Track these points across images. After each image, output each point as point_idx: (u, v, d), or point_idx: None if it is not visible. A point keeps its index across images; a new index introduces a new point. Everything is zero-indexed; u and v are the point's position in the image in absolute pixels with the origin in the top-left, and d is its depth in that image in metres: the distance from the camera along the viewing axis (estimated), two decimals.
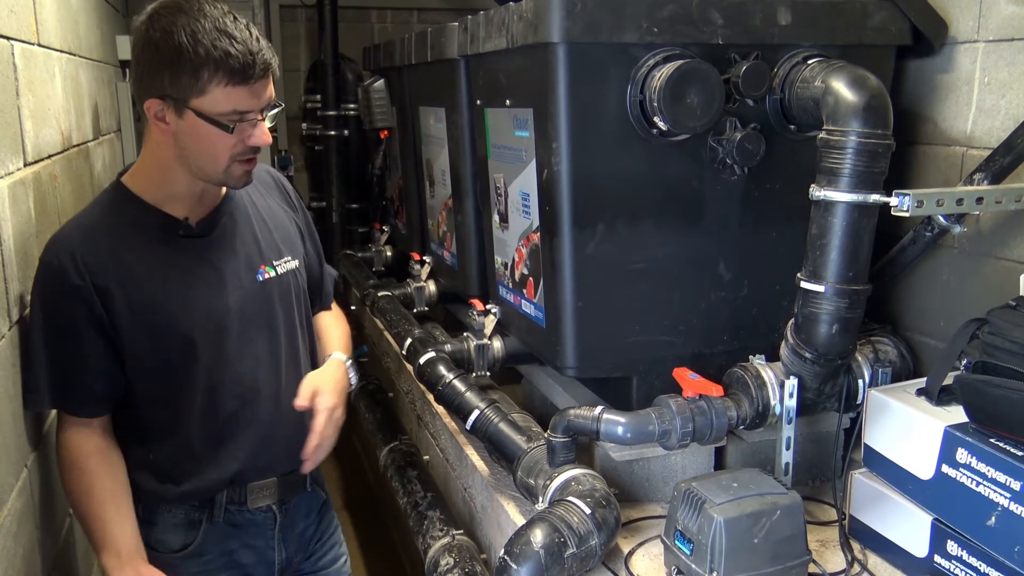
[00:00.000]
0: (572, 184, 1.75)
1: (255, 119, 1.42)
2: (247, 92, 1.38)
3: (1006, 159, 1.75)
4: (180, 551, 1.56)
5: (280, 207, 1.69)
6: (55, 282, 1.43)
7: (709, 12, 1.72)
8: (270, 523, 1.64)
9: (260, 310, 1.57)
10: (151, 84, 1.39)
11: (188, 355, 1.49)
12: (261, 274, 1.58)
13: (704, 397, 1.68)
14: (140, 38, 1.39)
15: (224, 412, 1.53)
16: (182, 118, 1.39)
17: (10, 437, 1.43)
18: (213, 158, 1.42)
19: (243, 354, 1.54)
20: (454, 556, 1.90)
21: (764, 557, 1.44)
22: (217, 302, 1.51)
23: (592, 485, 1.62)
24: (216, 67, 1.35)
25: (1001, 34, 1.82)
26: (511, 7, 1.85)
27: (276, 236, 1.64)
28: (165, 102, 1.39)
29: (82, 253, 1.42)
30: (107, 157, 2.82)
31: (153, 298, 1.45)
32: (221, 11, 1.38)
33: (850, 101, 1.56)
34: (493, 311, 2.29)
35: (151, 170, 1.49)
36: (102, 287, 1.42)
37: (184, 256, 1.50)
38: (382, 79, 3.35)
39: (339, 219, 4.17)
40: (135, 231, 1.47)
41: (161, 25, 1.36)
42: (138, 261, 1.45)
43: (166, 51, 1.35)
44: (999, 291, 1.77)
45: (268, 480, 1.61)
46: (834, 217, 1.57)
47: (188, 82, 1.36)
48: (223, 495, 1.57)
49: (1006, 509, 1.35)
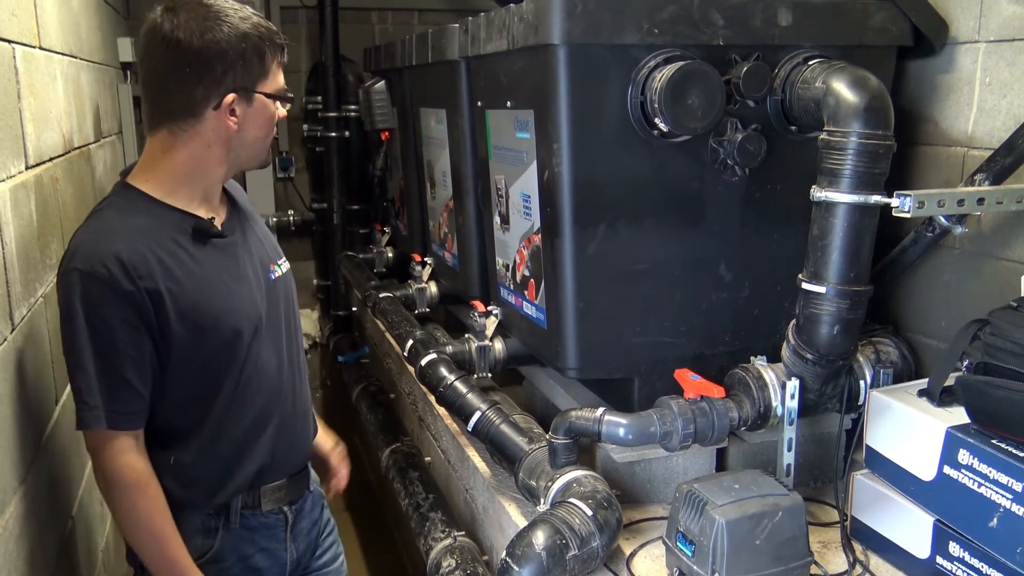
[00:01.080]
0: (573, 185, 1.75)
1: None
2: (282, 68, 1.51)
3: (1007, 160, 1.75)
4: (198, 559, 1.53)
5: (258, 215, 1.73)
6: (104, 291, 1.36)
7: (710, 13, 1.72)
8: (282, 525, 1.64)
9: (276, 308, 1.60)
10: (218, 85, 1.41)
11: (231, 354, 1.49)
12: (272, 273, 1.61)
13: (705, 398, 1.68)
14: (186, 47, 1.38)
15: (251, 411, 1.54)
16: (251, 105, 1.46)
17: (13, 441, 1.43)
18: (264, 139, 1.53)
19: (268, 352, 1.56)
20: (456, 557, 1.91)
21: (766, 558, 1.44)
22: (249, 299, 1.53)
23: (594, 487, 1.62)
24: (273, 48, 1.46)
25: (1002, 34, 1.82)
26: (512, 9, 1.85)
27: (271, 239, 1.69)
28: (237, 95, 1.43)
29: (129, 258, 1.37)
30: (108, 159, 2.82)
31: (197, 299, 1.44)
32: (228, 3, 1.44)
33: (851, 102, 1.56)
34: (494, 312, 2.29)
35: (174, 173, 1.47)
36: (153, 291, 1.39)
37: (218, 257, 1.51)
38: (383, 80, 3.36)
39: (340, 220, 4.16)
40: (170, 233, 1.45)
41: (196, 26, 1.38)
42: (178, 263, 1.44)
43: (230, 46, 1.40)
44: (1000, 292, 1.77)
45: (280, 482, 1.61)
46: (835, 218, 1.57)
47: (257, 68, 1.44)
48: (239, 500, 1.56)
49: (1008, 510, 1.35)
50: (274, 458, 1.58)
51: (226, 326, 1.47)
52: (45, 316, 1.74)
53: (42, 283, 1.74)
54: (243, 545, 1.59)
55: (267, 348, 1.56)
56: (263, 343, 1.55)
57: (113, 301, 1.37)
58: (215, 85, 1.41)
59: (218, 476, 1.53)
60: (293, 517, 1.66)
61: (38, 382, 1.64)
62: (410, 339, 2.46)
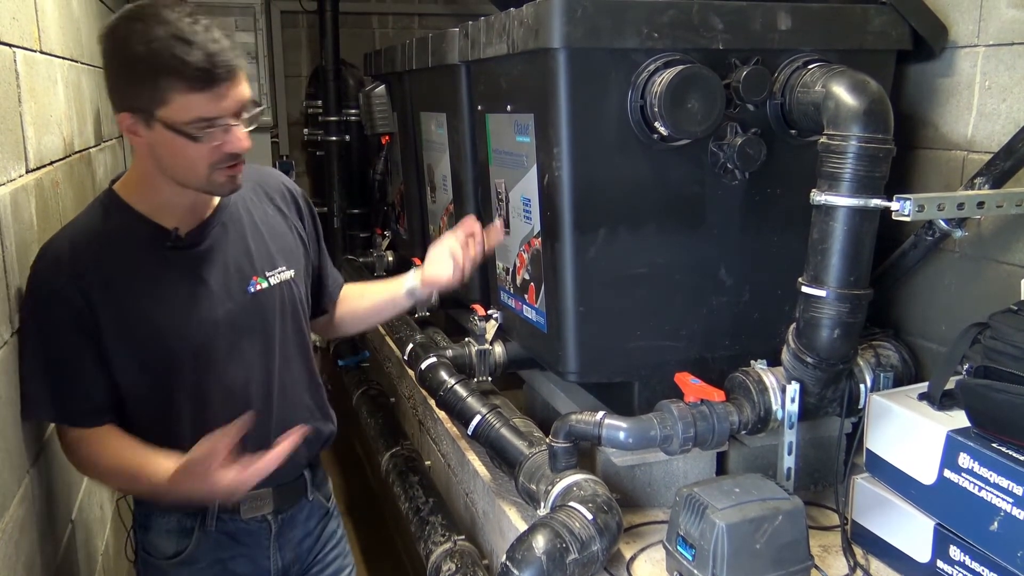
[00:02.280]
0: (573, 189, 1.75)
1: (226, 124, 1.36)
2: (209, 98, 1.32)
3: (1007, 163, 1.75)
4: (172, 558, 1.55)
5: (279, 215, 1.65)
6: (44, 290, 1.40)
7: (709, 17, 1.73)
8: (265, 532, 1.62)
9: (251, 322, 1.54)
10: (119, 97, 1.36)
11: (171, 368, 1.46)
12: (252, 285, 1.54)
13: (706, 402, 1.68)
14: (104, 51, 1.36)
15: (213, 423, 1.49)
16: (152, 130, 1.35)
17: (12, 443, 1.43)
18: (190, 168, 1.38)
19: (232, 366, 1.52)
20: (456, 562, 1.90)
21: (766, 562, 1.44)
22: (204, 315, 1.48)
23: (594, 490, 1.62)
24: (171, 74, 1.29)
25: (1001, 38, 1.83)
26: (512, 13, 1.85)
27: (272, 246, 1.59)
28: (134, 115, 1.35)
29: (71, 261, 1.39)
30: (109, 163, 2.83)
31: (139, 310, 1.43)
32: (179, 15, 1.32)
33: (851, 106, 1.56)
34: (494, 316, 2.29)
35: (140, 180, 1.47)
36: (89, 295, 1.40)
37: (172, 268, 1.47)
38: (383, 84, 3.36)
39: (340, 224, 4.17)
40: (124, 240, 1.44)
41: (119, 36, 1.33)
42: (126, 271, 1.43)
43: (124, 62, 1.32)
44: (1001, 295, 1.77)
45: (262, 490, 1.57)
46: (835, 222, 1.57)
47: (149, 93, 1.31)
48: (215, 503, 1.55)
49: (1008, 514, 1.35)
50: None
51: (166, 339, 1.45)
52: None
53: None
54: (219, 549, 1.57)
55: (234, 364, 1.51)
56: (228, 356, 1.51)
57: (51, 301, 1.40)
58: (117, 98, 1.37)
59: None
60: (279, 527, 1.63)
61: None
62: (410, 343, 2.46)
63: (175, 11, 1.32)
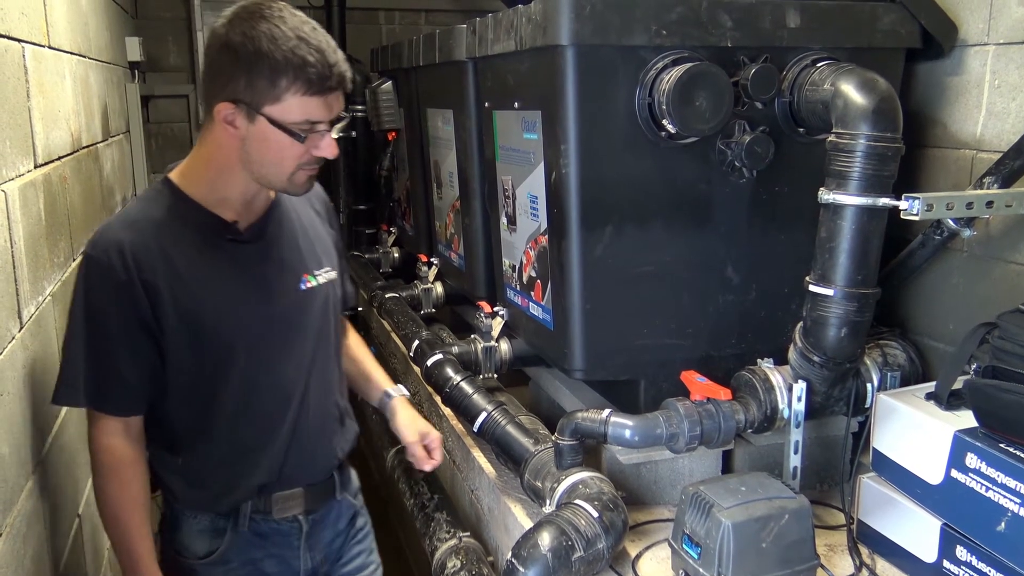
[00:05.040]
0: (580, 187, 1.75)
1: (324, 130, 1.41)
2: (322, 102, 1.37)
3: (1016, 162, 1.75)
4: (204, 558, 1.55)
5: (318, 219, 1.67)
6: (102, 278, 1.40)
7: (718, 15, 1.72)
8: (296, 532, 1.61)
9: (301, 318, 1.55)
10: (224, 87, 1.36)
11: (226, 361, 1.47)
12: (304, 283, 1.56)
13: (712, 400, 1.68)
14: (218, 41, 1.36)
15: (258, 420, 1.52)
16: (253, 124, 1.37)
17: (21, 439, 1.44)
18: (279, 165, 1.41)
19: (281, 363, 1.53)
20: (461, 558, 1.91)
21: (772, 561, 1.44)
22: (261, 310, 1.50)
23: (599, 488, 1.62)
24: (295, 75, 1.33)
25: (1011, 37, 1.82)
26: (520, 9, 1.85)
27: (317, 246, 1.61)
28: (237, 107, 1.36)
29: (132, 249, 1.39)
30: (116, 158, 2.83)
31: (198, 301, 1.44)
32: (301, 19, 1.36)
33: (859, 104, 1.56)
34: (500, 313, 2.29)
35: (206, 171, 1.47)
36: (150, 284, 1.40)
37: (232, 261, 1.48)
38: (390, 81, 3.36)
39: (346, 220, 4.17)
40: (185, 231, 1.45)
41: (241, 29, 1.33)
42: (186, 262, 1.44)
43: (245, 56, 1.33)
44: (1009, 295, 1.77)
45: (294, 490, 1.59)
46: (843, 220, 1.57)
47: (264, 88, 1.34)
48: (248, 504, 1.55)
49: (1016, 514, 1.35)
50: (285, 468, 1.56)
51: (224, 331, 1.46)
52: (53, 315, 1.74)
53: (50, 281, 1.74)
54: (251, 549, 1.57)
55: (280, 359, 1.53)
56: (279, 353, 1.52)
57: (109, 290, 1.39)
58: (220, 88, 1.37)
59: (225, 482, 1.52)
60: (309, 527, 1.62)
61: (46, 380, 1.64)
62: (416, 339, 2.47)
63: (296, 15, 1.36)
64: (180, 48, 4.07)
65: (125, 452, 1.46)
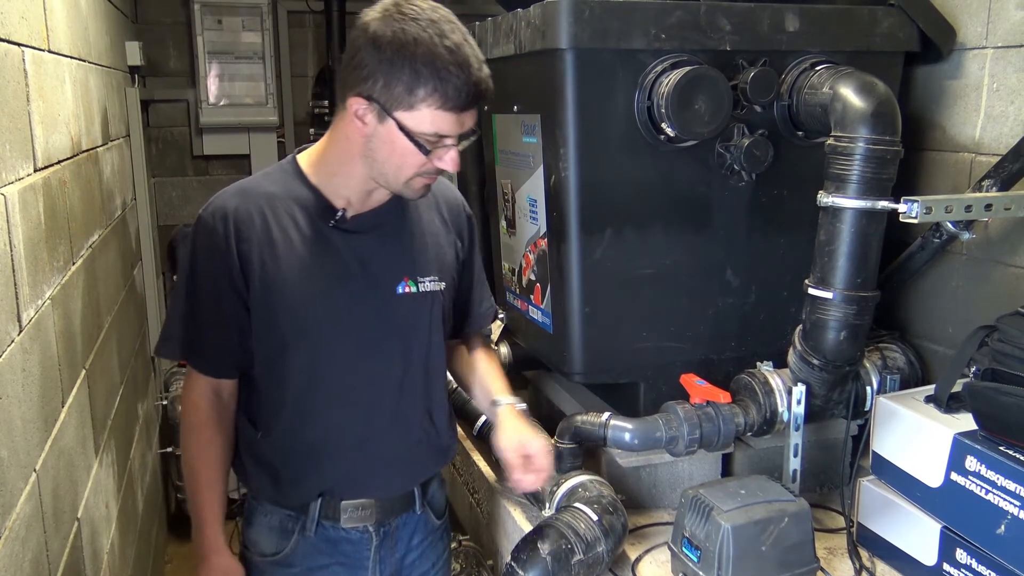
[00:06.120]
0: (580, 190, 1.75)
1: (451, 144, 1.39)
2: (455, 119, 1.35)
3: (1015, 165, 1.75)
4: (270, 556, 1.54)
5: (443, 227, 1.61)
6: (205, 239, 1.45)
7: (717, 19, 1.73)
8: (366, 544, 1.56)
9: (391, 322, 1.50)
10: (362, 81, 1.34)
11: (293, 345, 1.46)
12: (402, 286, 1.51)
13: (711, 403, 1.68)
14: (367, 33, 1.33)
15: (327, 416, 1.49)
16: (382, 124, 1.35)
17: (20, 442, 1.43)
18: (398, 169, 1.40)
19: (361, 363, 1.49)
20: (461, 562, 1.91)
21: (772, 564, 1.44)
22: (342, 301, 1.47)
23: (599, 491, 1.62)
24: (434, 88, 1.31)
25: (1010, 40, 1.82)
26: (519, 13, 1.85)
27: (430, 253, 1.56)
28: (370, 104, 1.34)
29: (235, 216, 1.43)
30: (116, 162, 2.83)
31: (282, 276, 1.44)
32: (454, 26, 1.34)
33: (858, 107, 1.56)
34: (500, 316, 2.29)
35: (329, 157, 1.47)
36: (244, 254, 1.43)
37: (327, 245, 1.47)
38: None
39: None
40: (293, 208, 1.46)
41: (393, 28, 1.31)
42: (283, 237, 1.45)
43: (388, 56, 1.30)
44: (1008, 298, 1.77)
45: (363, 500, 1.53)
46: (842, 223, 1.57)
47: (400, 94, 1.32)
48: (316, 507, 1.52)
49: (1016, 517, 1.35)
50: (354, 475, 1.52)
51: (298, 313, 1.45)
52: (53, 318, 1.74)
53: (50, 285, 1.74)
54: (316, 556, 1.54)
55: (365, 359, 1.49)
56: (359, 351, 1.49)
57: (210, 252, 1.44)
58: (357, 80, 1.35)
59: (290, 474, 1.51)
60: (380, 539, 1.57)
61: (45, 384, 1.64)
62: None
63: (450, 24, 1.33)
64: (180, 53, 4.08)
65: (210, 413, 1.51)
